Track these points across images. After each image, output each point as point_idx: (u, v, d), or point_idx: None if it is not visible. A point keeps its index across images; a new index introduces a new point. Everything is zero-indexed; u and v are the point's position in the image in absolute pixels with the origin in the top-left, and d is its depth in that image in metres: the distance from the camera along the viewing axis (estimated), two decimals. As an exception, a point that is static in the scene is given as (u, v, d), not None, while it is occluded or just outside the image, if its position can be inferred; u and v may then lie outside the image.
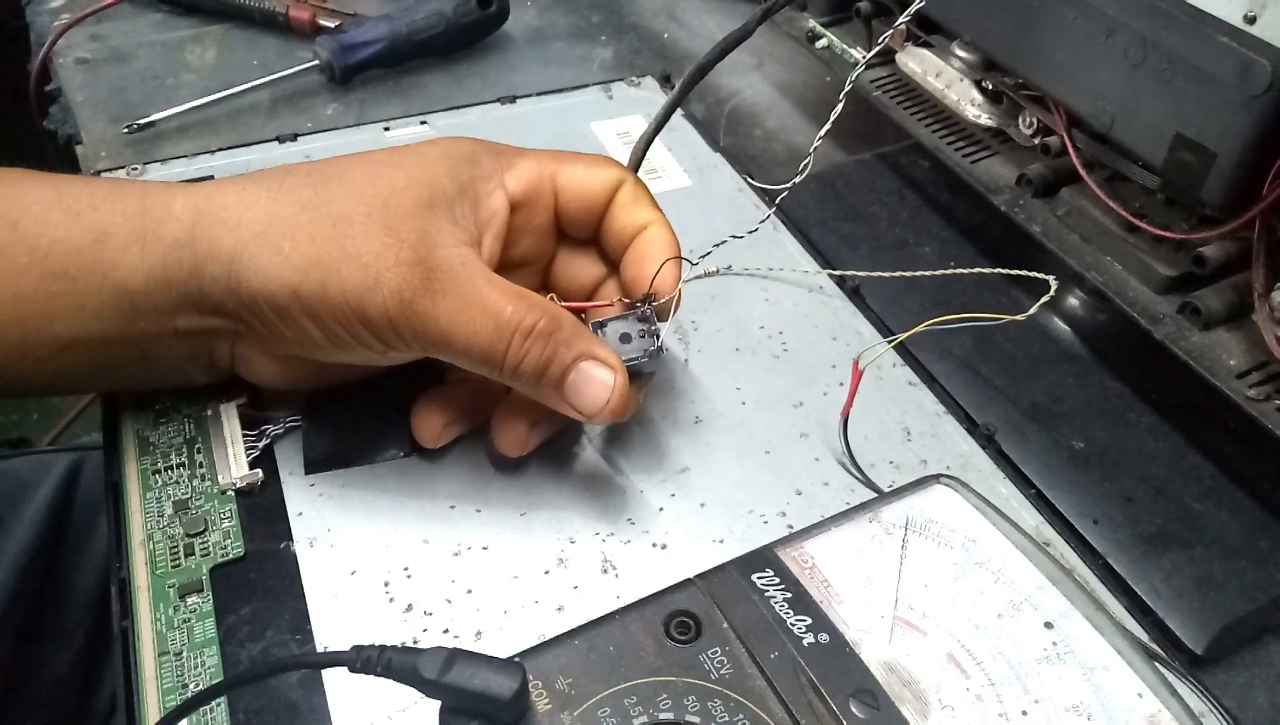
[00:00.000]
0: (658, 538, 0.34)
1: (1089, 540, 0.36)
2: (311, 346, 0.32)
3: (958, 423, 0.39)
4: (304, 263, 0.30)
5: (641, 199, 0.35)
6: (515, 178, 0.34)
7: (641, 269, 0.34)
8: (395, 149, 0.33)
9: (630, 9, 0.69)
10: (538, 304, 0.31)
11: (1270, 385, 0.39)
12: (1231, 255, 0.42)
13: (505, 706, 0.25)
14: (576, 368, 0.31)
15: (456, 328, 0.30)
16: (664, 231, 0.35)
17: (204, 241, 0.30)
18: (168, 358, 0.33)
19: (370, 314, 0.30)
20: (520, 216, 0.34)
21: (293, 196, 0.31)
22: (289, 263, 0.30)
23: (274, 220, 0.30)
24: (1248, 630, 0.34)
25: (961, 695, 0.27)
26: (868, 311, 0.44)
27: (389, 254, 0.30)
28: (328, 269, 0.30)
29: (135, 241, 0.31)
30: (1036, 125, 0.49)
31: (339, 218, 0.30)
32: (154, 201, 0.31)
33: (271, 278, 0.30)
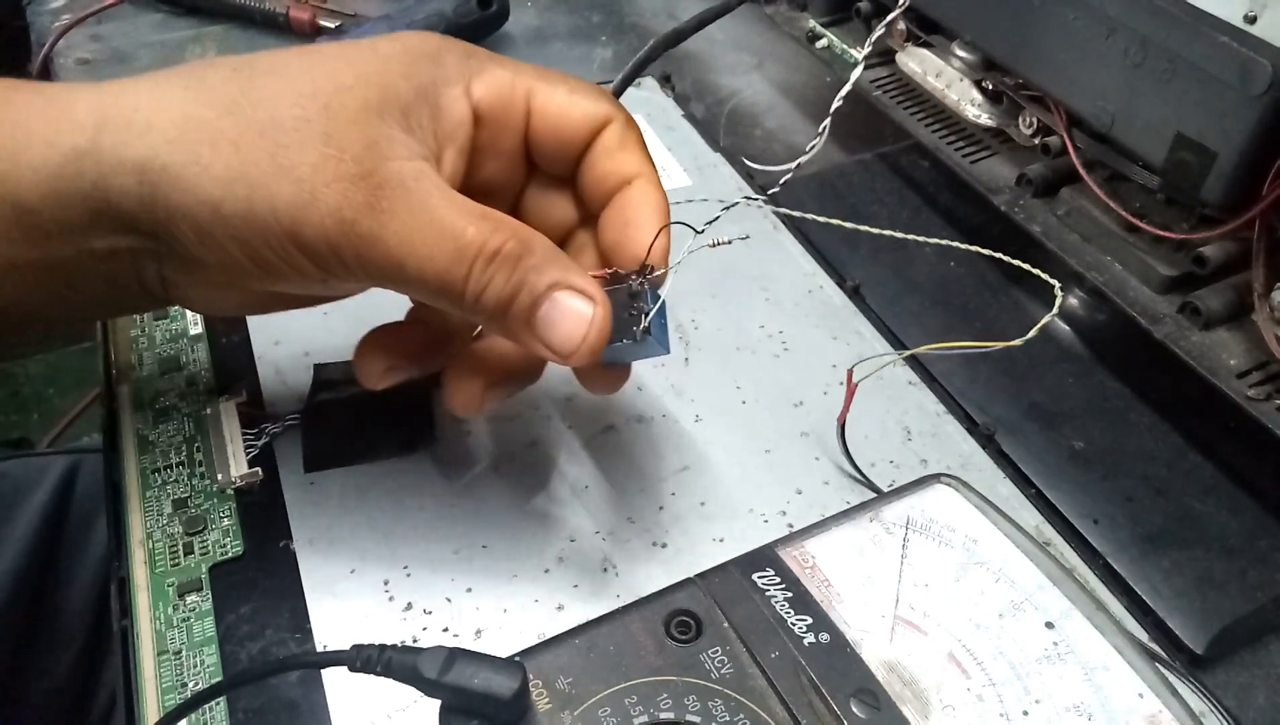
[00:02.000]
0: (658, 537, 0.34)
1: (1089, 540, 0.36)
2: (240, 274, 0.27)
3: (958, 422, 0.39)
4: (227, 175, 0.26)
5: (630, 144, 0.30)
6: (483, 86, 0.29)
7: (625, 234, 0.30)
8: (346, 43, 0.29)
9: (630, 9, 0.69)
10: (504, 224, 0.27)
11: (1270, 385, 0.39)
12: (1231, 255, 0.42)
13: (505, 706, 0.25)
14: (549, 298, 0.27)
15: (408, 252, 0.26)
16: (653, 189, 0.30)
17: (109, 149, 0.26)
18: (93, 285, 0.29)
19: (306, 237, 0.26)
20: (486, 134, 0.30)
21: (214, 95, 0.27)
22: (209, 175, 0.26)
23: (191, 124, 0.26)
24: (1248, 630, 0.34)
25: (962, 695, 0.27)
26: (868, 311, 0.44)
27: (328, 166, 0.26)
28: (255, 183, 0.25)
29: (29, 151, 0.26)
30: (1036, 125, 0.49)
31: (269, 122, 0.26)
32: (51, 105, 0.27)
33: (189, 192, 0.26)
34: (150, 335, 0.40)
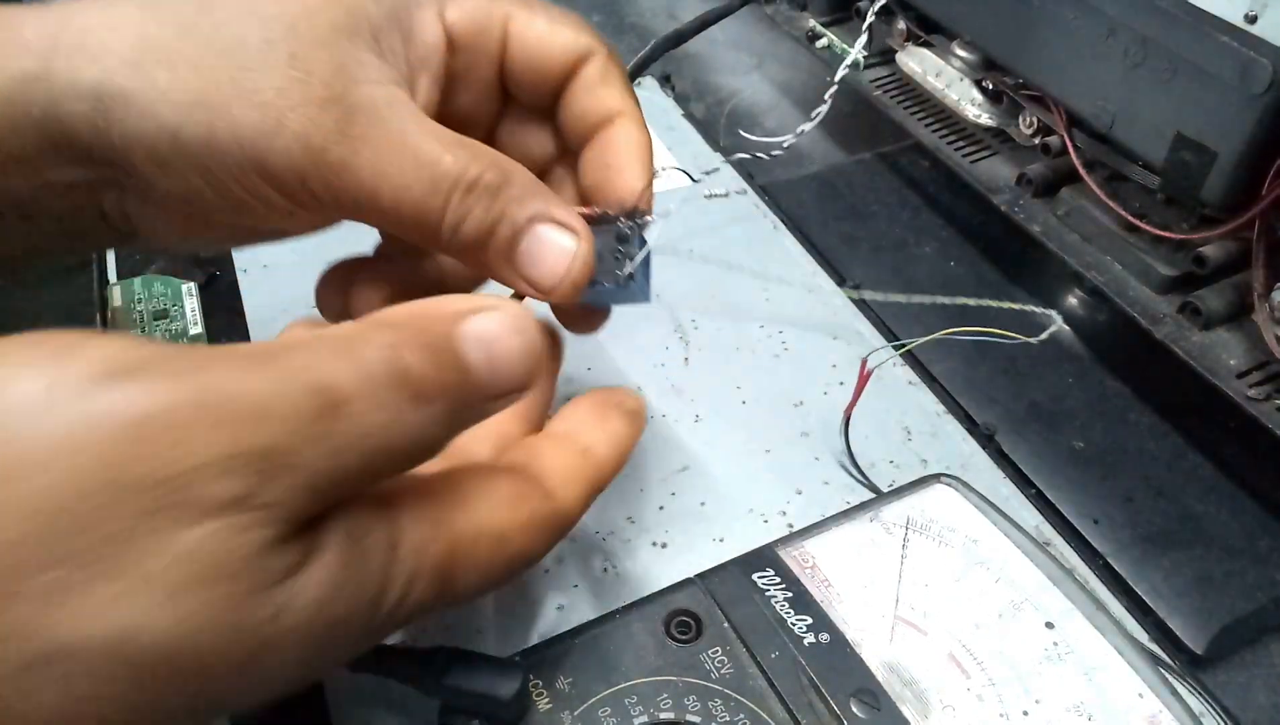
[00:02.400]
0: (658, 537, 0.34)
1: (1089, 540, 0.36)
2: (203, 206, 0.25)
3: (958, 422, 0.39)
4: (186, 100, 0.23)
5: (612, 78, 0.29)
6: (458, 9, 0.27)
7: (606, 176, 0.28)
8: None
9: (630, 9, 0.69)
10: (483, 153, 0.25)
11: (1270, 385, 0.39)
12: (1231, 255, 0.42)
13: (505, 706, 0.25)
14: (531, 231, 0.25)
15: (382, 181, 0.24)
16: (636, 129, 0.28)
17: (61, 73, 0.24)
18: (53, 220, 0.27)
19: (272, 165, 0.24)
20: (460, 61, 0.28)
21: (172, 15, 0.24)
22: (167, 100, 0.23)
23: (148, 45, 0.24)
24: (1248, 630, 0.34)
25: (962, 695, 0.27)
26: (868, 311, 0.44)
27: (295, 90, 0.23)
28: (216, 108, 0.23)
29: None
30: (1036, 125, 0.49)
31: (231, 43, 0.24)
32: None
33: (146, 117, 0.24)
34: (150, 335, 0.40)
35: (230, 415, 0.17)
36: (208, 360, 0.18)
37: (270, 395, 0.18)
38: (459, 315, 0.21)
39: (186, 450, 0.17)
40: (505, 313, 0.22)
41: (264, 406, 0.17)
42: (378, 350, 0.19)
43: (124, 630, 0.16)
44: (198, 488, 0.17)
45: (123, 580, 0.16)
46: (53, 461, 0.16)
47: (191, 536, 0.16)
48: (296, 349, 0.19)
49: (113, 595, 0.16)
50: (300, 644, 0.19)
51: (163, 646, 0.16)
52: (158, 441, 0.16)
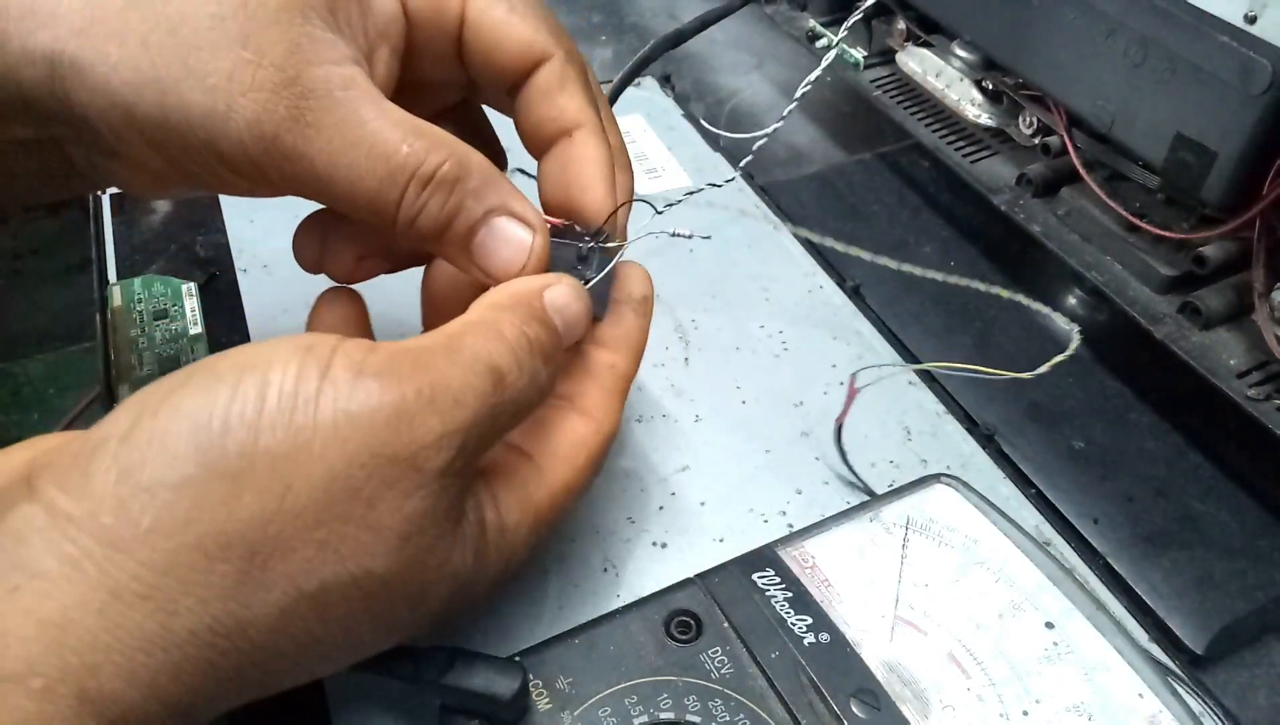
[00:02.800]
0: (658, 536, 0.34)
1: (1089, 540, 0.36)
2: (159, 172, 0.26)
3: (958, 422, 0.39)
4: (136, 79, 0.23)
5: (570, 84, 0.28)
6: None
7: (568, 195, 0.28)
8: None
9: (630, 9, 0.69)
10: (441, 142, 0.25)
11: (1270, 385, 0.39)
12: (1231, 255, 0.42)
13: (505, 706, 0.25)
14: (487, 224, 0.26)
15: (336, 170, 0.24)
16: (594, 143, 0.28)
17: (15, 37, 0.23)
18: (25, 170, 0.27)
19: (224, 148, 0.24)
20: (419, 35, 0.27)
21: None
22: (118, 76, 0.23)
23: (97, 14, 0.23)
24: (1248, 630, 0.34)
25: (962, 695, 0.27)
26: (868, 311, 0.44)
27: (244, 73, 0.23)
28: (166, 89, 0.23)
29: None
30: (1036, 125, 0.49)
31: (180, 19, 0.23)
32: None
33: (99, 91, 0.23)
34: (150, 335, 0.40)
35: (442, 403, 0.22)
36: (419, 359, 0.22)
37: (463, 381, 0.22)
38: (540, 292, 0.26)
39: (417, 434, 0.21)
40: (567, 285, 0.26)
41: (461, 391, 0.22)
42: (514, 327, 0.24)
43: (367, 569, 0.21)
44: (422, 461, 0.22)
45: (369, 533, 0.21)
46: (328, 447, 0.21)
47: (415, 498, 0.22)
48: (467, 337, 0.24)
49: (362, 544, 0.21)
50: (447, 591, 0.23)
51: (386, 579, 0.22)
52: (398, 428, 0.21)
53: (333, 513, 0.21)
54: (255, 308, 0.42)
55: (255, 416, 0.20)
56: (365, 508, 0.21)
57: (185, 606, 0.19)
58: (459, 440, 0.22)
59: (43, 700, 0.18)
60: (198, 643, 0.20)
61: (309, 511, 0.20)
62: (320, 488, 0.20)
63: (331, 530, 0.21)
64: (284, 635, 0.21)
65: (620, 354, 0.29)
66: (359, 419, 0.21)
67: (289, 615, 0.21)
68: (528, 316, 0.25)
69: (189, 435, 0.20)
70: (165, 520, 0.19)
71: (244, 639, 0.20)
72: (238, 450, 0.20)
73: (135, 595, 0.19)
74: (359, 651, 0.23)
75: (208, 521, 0.20)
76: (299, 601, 0.21)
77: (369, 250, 0.30)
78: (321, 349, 0.22)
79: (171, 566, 0.19)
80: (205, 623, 0.20)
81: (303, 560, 0.20)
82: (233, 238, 0.45)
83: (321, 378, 0.21)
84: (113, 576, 0.19)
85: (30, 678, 0.18)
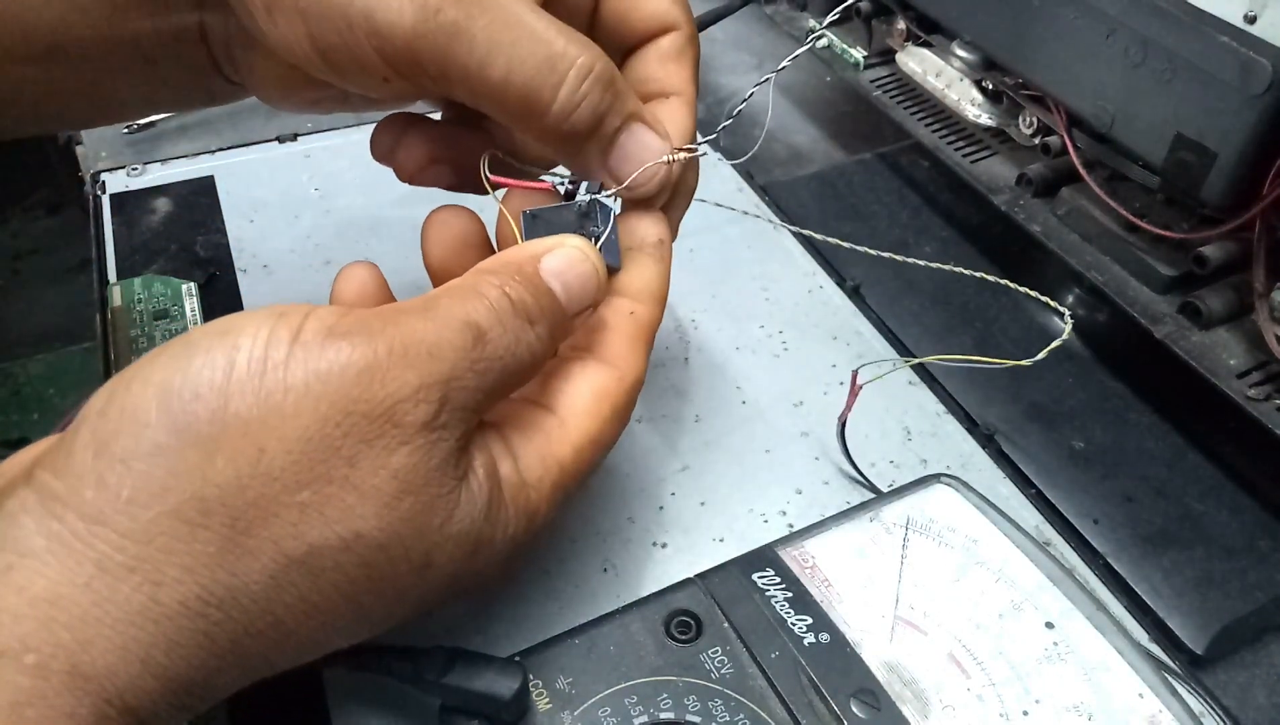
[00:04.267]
0: (658, 537, 0.34)
1: (1089, 540, 0.36)
2: (301, 57, 0.25)
3: (958, 422, 0.39)
4: None
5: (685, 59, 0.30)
6: None
7: None
8: None
9: (630, 9, 0.69)
10: (593, 45, 0.25)
11: (1270, 385, 0.39)
12: (1231, 255, 0.42)
13: (505, 706, 0.25)
14: (628, 128, 0.26)
15: (496, 52, 0.24)
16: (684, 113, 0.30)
17: None
18: (171, 64, 0.28)
19: (380, 22, 0.24)
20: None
21: None
22: None
23: None
24: (1248, 630, 0.34)
25: (962, 695, 0.27)
26: (868, 311, 0.44)
27: None
28: None
29: None
30: (1036, 125, 0.49)
31: None
32: None
33: None
34: (150, 335, 0.40)
35: (415, 357, 0.22)
36: (392, 317, 0.22)
37: (437, 336, 0.22)
38: (536, 257, 0.25)
39: (391, 388, 0.21)
40: (569, 248, 0.26)
41: (436, 345, 0.22)
42: (495, 288, 0.24)
43: (356, 531, 0.21)
44: (400, 415, 0.21)
45: (354, 494, 0.21)
46: (300, 407, 0.20)
47: (399, 455, 0.21)
48: (444, 297, 0.23)
49: (347, 506, 0.21)
50: (457, 552, 0.23)
51: (380, 541, 0.21)
52: (370, 384, 0.21)
53: (312, 474, 0.20)
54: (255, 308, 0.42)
55: (224, 381, 0.20)
56: (346, 467, 0.21)
57: (171, 577, 0.19)
58: (439, 393, 0.22)
59: (36, 676, 0.18)
60: (188, 613, 0.19)
61: (287, 473, 0.20)
62: (296, 449, 0.20)
63: (314, 492, 0.20)
64: (279, 604, 0.21)
65: (640, 300, 0.28)
66: (329, 377, 0.21)
67: (279, 582, 0.20)
68: (510, 277, 0.24)
69: (159, 403, 0.20)
70: (142, 490, 0.19)
71: (237, 608, 0.20)
72: (208, 416, 0.20)
73: (121, 568, 0.19)
74: (369, 621, 0.23)
75: (184, 488, 0.20)
76: (288, 567, 0.20)
77: (441, 155, 0.30)
78: (293, 315, 0.22)
79: (153, 536, 0.19)
80: (194, 592, 0.19)
81: (286, 524, 0.20)
82: (233, 238, 0.45)
83: (292, 341, 0.21)
84: (98, 550, 0.19)
85: (24, 654, 0.18)
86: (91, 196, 0.47)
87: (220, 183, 0.49)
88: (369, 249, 0.45)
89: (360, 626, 0.23)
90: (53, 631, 0.18)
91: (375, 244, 0.46)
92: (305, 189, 0.49)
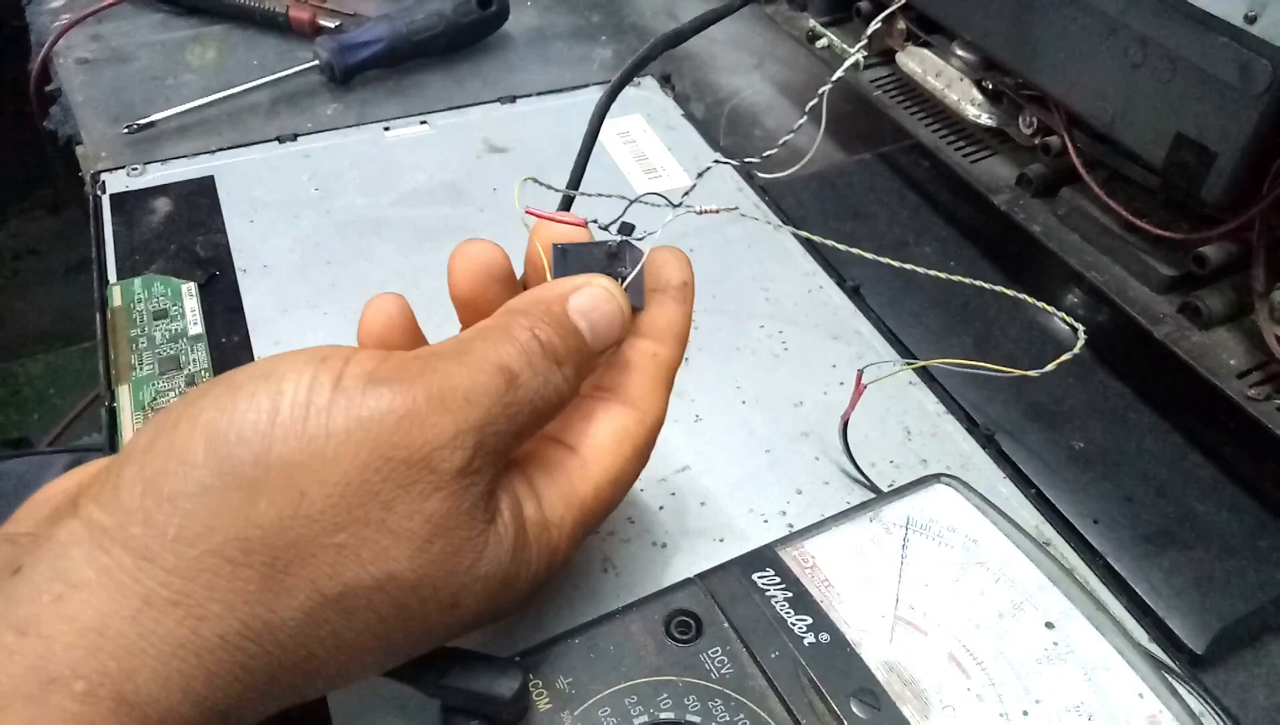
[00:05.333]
0: (658, 537, 0.34)
1: (1089, 540, 0.36)
2: None
3: (958, 422, 0.39)
4: None
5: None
6: None
7: None
8: None
9: (630, 9, 0.69)
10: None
11: (1270, 385, 0.39)
12: (1231, 255, 0.42)
13: (506, 706, 0.25)
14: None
15: None
16: None
17: None
18: None
19: None
20: None
21: None
22: None
23: None
24: (1248, 630, 0.34)
25: (962, 695, 0.27)
26: (868, 311, 0.44)
27: None
28: None
29: None
30: (1036, 125, 0.49)
31: None
32: None
33: None
34: (150, 335, 0.40)
35: (451, 403, 0.22)
36: (429, 362, 0.23)
37: (472, 381, 0.23)
38: (564, 296, 0.26)
39: (429, 435, 0.22)
40: (596, 288, 0.27)
41: (471, 391, 0.23)
42: (525, 331, 0.25)
43: (389, 573, 0.22)
44: (437, 462, 0.22)
45: (389, 537, 0.21)
46: (341, 453, 0.21)
47: (434, 500, 0.22)
48: (477, 341, 0.24)
49: (382, 548, 0.21)
50: (483, 592, 0.23)
51: (412, 582, 0.22)
52: (409, 430, 0.22)
53: (350, 517, 0.21)
54: (255, 308, 0.42)
55: (269, 426, 0.21)
56: (383, 511, 0.21)
57: (213, 612, 0.20)
58: (474, 439, 0.23)
59: (85, 703, 0.19)
60: (227, 647, 0.20)
61: (326, 517, 0.21)
62: (335, 493, 0.21)
63: (351, 534, 0.21)
64: (313, 639, 0.21)
65: (663, 342, 0.29)
66: (370, 424, 0.21)
67: (315, 619, 0.21)
68: (539, 319, 0.25)
69: (206, 445, 0.21)
70: (188, 528, 0.20)
71: (273, 643, 0.21)
72: (252, 459, 0.21)
73: (165, 602, 0.20)
74: (395, 655, 0.24)
75: (228, 529, 0.20)
76: (323, 605, 0.21)
77: None
78: (334, 360, 0.22)
79: (197, 573, 0.20)
80: (234, 627, 0.20)
81: (323, 565, 0.21)
82: (233, 238, 0.45)
83: (334, 387, 0.22)
84: (144, 584, 0.20)
85: (74, 681, 0.19)
86: (91, 196, 0.47)
87: (220, 183, 0.49)
88: (369, 249, 0.45)
89: (387, 660, 0.24)
90: (100, 660, 0.19)
91: (375, 244, 0.46)
92: (305, 189, 0.49)
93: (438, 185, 0.49)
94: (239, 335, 0.40)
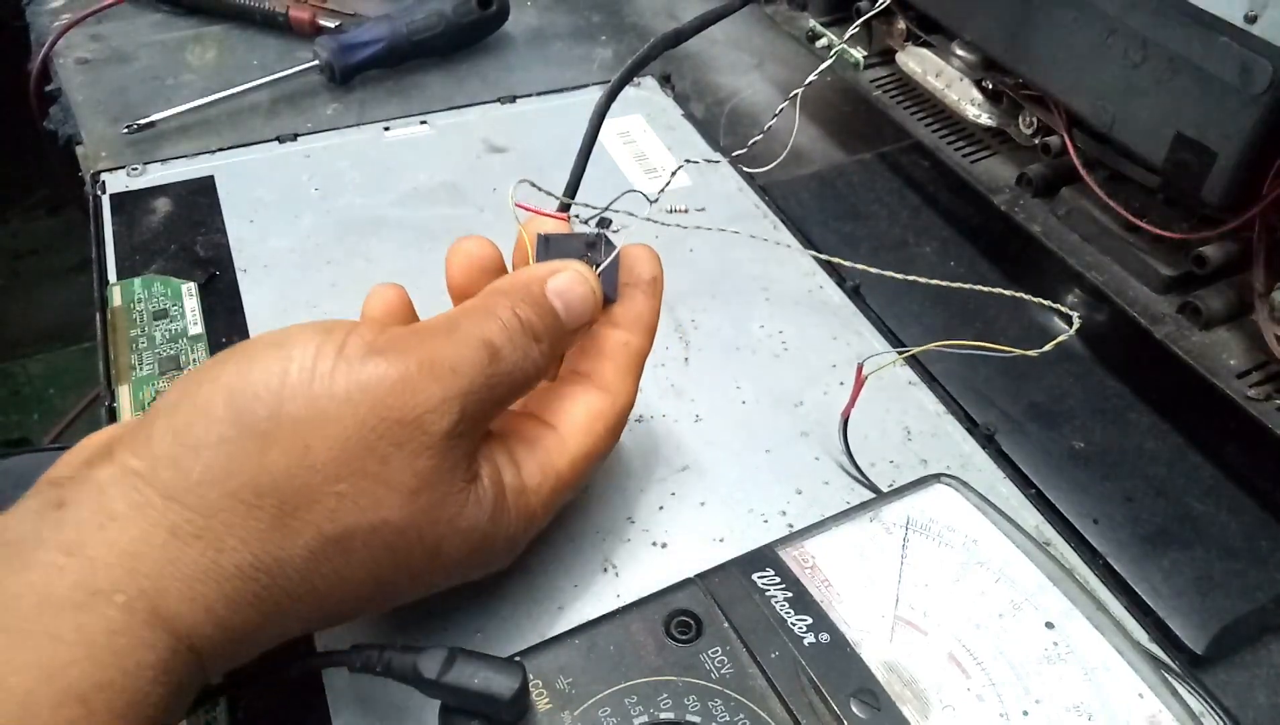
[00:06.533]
0: (658, 537, 0.34)
1: (1089, 540, 0.36)
2: None
3: (958, 422, 0.39)
4: None
5: None
6: None
7: None
8: None
9: (630, 9, 0.69)
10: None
11: (1270, 385, 0.39)
12: (1231, 255, 0.42)
13: (505, 706, 0.25)
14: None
15: None
16: None
17: None
18: None
19: None
20: None
21: None
22: None
23: None
24: (1248, 630, 0.34)
25: (962, 695, 0.27)
26: (868, 311, 0.44)
27: None
28: None
29: None
30: (1036, 125, 0.49)
31: None
32: None
33: None
34: (150, 335, 0.40)
35: (440, 372, 0.25)
36: (422, 335, 0.26)
37: (458, 354, 0.26)
38: (543, 278, 0.29)
39: (420, 399, 0.25)
40: (572, 272, 0.29)
41: (457, 362, 0.26)
42: (507, 309, 0.27)
43: (383, 518, 0.24)
44: (427, 424, 0.25)
45: (383, 487, 0.24)
46: (343, 412, 0.24)
47: (424, 457, 0.25)
48: (463, 318, 0.27)
49: (377, 497, 0.24)
50: (464, 544, 0.26)
51: (403, 526, 0.25)
52: (403, 395, 0.25)
53: (350, 468, 0.24)
54: (255, 308, 0.42)
55: (280, 386, 0.24)
56: (379, 465, 0.24)
57: (230, 545, 0.23)
58: (459, 405, 0.25)
59: (124, 612, 0.22)
60: (243, 577, 0.23)
61: (328, 467, 0.24)
62: (337, 447, 0.24)
63: (350, 484, 0.24)
64: (316, 574, 0.24)
65: (633, 332, 0.31)
66: (368, 388, 0.24)
67: (318, 557, 0.24)
68: (521, 299, 0.28)
69: (225, 401, 0.24)
70: (209, 473, 0.23)
71: (282, 576, 0.24)
72: (266, 414, 0.24)
73: (190, 535, 0.23)
74: (389, 594, 0.27)
75: (244, 474, 0.23)
76: (325, 544, 0.24)
77: None
78: (338, 331, 0.25)
79: (217, 511, 0.23)
80: (248, 560, 0.23)
81: (326, 509, 0.24)
82: (233, 238, 0.45)
83: (337, 355, 0.25)
84: (171, 519, 0.23)
85: (114, 594, 0.22)
86: (91, 196, 0.47)
87: (220, 183, 0.49)
88: (369, 249, 0.45)
89: (382, 598, 0.27)
90: (136, 579, 0.22)
91: (375, 244, 0.46)
92: (305, 189, 0.49)
93: (437, 185, 0.49)
94: (239, 335, 0.40)
